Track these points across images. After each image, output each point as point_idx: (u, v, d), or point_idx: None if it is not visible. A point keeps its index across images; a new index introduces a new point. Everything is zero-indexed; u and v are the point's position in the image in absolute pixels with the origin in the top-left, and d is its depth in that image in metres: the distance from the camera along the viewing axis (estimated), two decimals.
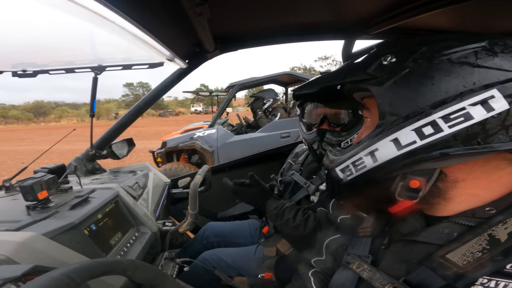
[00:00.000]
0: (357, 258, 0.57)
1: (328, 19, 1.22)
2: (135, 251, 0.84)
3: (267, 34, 1.30)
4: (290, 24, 1.23)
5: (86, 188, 0.87)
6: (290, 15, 1.13)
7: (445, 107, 0.42)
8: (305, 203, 1.27)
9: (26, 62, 1.21)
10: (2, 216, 0.67)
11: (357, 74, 0.52)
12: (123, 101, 57.08)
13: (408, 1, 1.00)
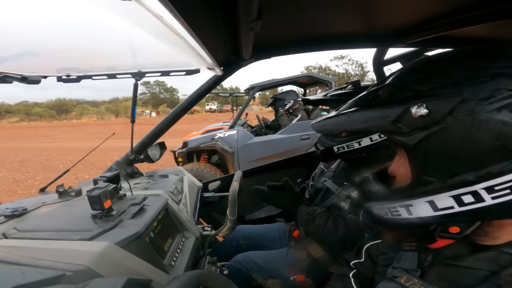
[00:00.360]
0: (405, 272, 0.58)
1: (363, 28, 1.22)
2: (185, 256, 0.88)
3: (301, 42, 1.31)
4: (325, 33, 1.25)
5: (138, 195, 0.91)
6: (326, 25, 1.15)
7: (491, 178, 0.38)
8: (335, 209, 1.29)
9: (70, 67, 1.26)
10: (71, 225, 0.71)
11: (383, 124, 0.46)
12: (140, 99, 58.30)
13: (452, 14, 0.98)
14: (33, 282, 0.51)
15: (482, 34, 1.22)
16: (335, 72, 27.84)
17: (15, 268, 0.56)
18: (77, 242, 0.62)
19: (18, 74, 1.01)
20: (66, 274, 0.55)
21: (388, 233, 0.63)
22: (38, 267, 0.56)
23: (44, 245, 0.61)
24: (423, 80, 0.44)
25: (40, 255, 0.59)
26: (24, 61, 1.02)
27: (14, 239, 0.65)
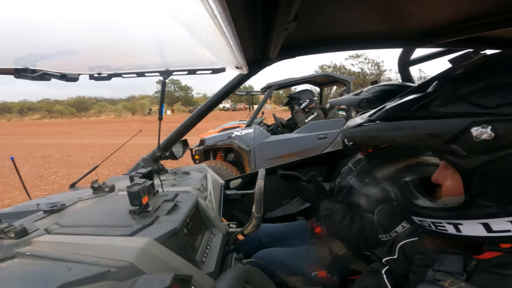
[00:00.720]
0: (449, 276, 0.55)
1: (392, 28, 1.22)
2: (214, 253, 0.89)
3: (327, 42, 1.31)
4: (352, 33, 1.24)
5: (169, 192, 0.93)
6: (354, 25, 1.14)
7: None
8: (355, 206, 1.29)
9: (101, 66, 1.29)
10: (110, 220, 0.72)
11: (432, 144, 0.41)
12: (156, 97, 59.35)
13: (487, 15, 0.95)
14: (80, 279, 0.52)
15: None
16: (350, 71, 27.44)
17: (62, 264, 0.57)
18: (119, 238, 0.63)
19: (57, 72, 1.04)
20: (111, 270, 0.56)
21: (429, 240, 0.61)
22: (83, 263, 0.57)
23: (88, 241, 0.63)
24: (486, 91, 0.38)
25: (84, 251, 0.60)
26: (60, 59, 1.05)
27: (57, 235, 0.67)
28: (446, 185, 0.52)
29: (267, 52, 1.16)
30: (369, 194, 1.23)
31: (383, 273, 0.82)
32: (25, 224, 0.69)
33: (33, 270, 0.54)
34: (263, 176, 1.26)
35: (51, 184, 5.61)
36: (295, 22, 0.73)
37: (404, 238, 0.83)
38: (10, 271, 0.55)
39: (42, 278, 0.51)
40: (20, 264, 0.57)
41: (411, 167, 1.18)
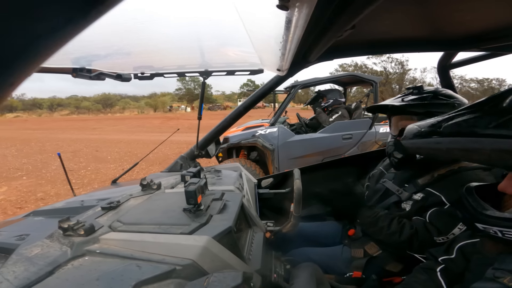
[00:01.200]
0: (508, 274, 0.57)
1: (435, 33, 1.21)
2: (257, 250, 0.91)
3: (367, 45, 1.30)
4: (394, 37, 1.25)
5: (216, 191, 0.96)
6: (399, 30, 1.13)
7: None
8: (394, 209, 1.31)
9: (145, 66, 1.35)
10: (168, 218, 0.74)
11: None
12: (176, 94, 60.64)
13: None
14: (150, 278, 0.54)
15: None
16: (372, 70, 26.69)
17: (131, 262, 0.59)
18: (181, 236, 0.65)
19: (113, 72, 1.09)
20: (176, 268, 0.58)
21: (491, 244, 0.60)
22: (151, 261, 0.60)
23: (153, 239, 0.65)
24: None
25: (150, 249, 0.63)
26: (112, 59, 1.11)
27: (122, 232, 0.70)
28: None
29: (308, 54, 1.17)
30: (415, 198, 1.23)
31: (437, 270, 0.85)
32: (89, 221, 0.72)
33: (107, 269, 0.56)
34: (299, 176, 1.27)
35: (81, 179, 5.87)
36: (352, 30, 0.73)
37: (464, 239, 0.85)
38: (86, 269, 0.57)
39: (117, 277, 0.53)
40: (93, 263, 0.60)
41: (454, 172, 1.17)
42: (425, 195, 1.19)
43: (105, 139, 12.17)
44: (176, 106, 51.76)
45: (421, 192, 1.21)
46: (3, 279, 0.52)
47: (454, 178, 1.16)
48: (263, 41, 0.80)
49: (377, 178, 1.50)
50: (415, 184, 1.25)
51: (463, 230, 1.04)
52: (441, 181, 1.18)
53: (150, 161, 7.23)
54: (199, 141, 1.45)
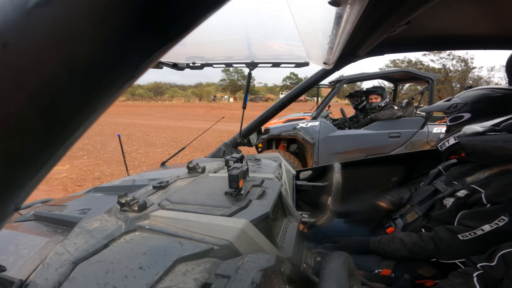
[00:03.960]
0: None
1: (502, 30, 1.10)
2: (290, 239, 0.93)
3: (423, 41, 1.22)
4: (452, 34, 1.16)
5: (256, 177, 1.00)
6: (461, 27, 1.06)
7: None
8: (437, 207, 1.27)
9: (196, 56, 1.42)
10: (211, 200, 0.80)
11: None
12: (220, 85, 62.29)
13: None
14: (190, 255, 0.59)
15: None
16: (429, 67, 24.34)
17: (175, 240, 0.64)
18: (221, 218, 0.70)
19: (170, 61, 1.18)
20: (214, 248, 0.62)
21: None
22: (192, 239, 0.65)
23: (196, 218, 0.70)
24: None
25: (193, 228, 0.68)
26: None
27: (169, 211, 0.75)
28: None
29: (357, 49, 1.14)
30: (457, 195, 1.18)
31: (474, 276, 0.84)
32: (141, 198, 0.79)
33: (154, 244, 0.62)
34: (340, 170, 1.26)
35: (132, 161, 6.39)
36: (406, 26, 0.70)
37: (508, 247, 0.83)
38: (136, 244, 0.63)
39: (161, 252, 0.59)
40: (142, 238, 0.66)
41: (507, 172, 1.10)
42: (469, 192, 1.12)
43: (155, 124, 13.03)
44: (219, 96, 53.18)
45: (466, 189, 1.14)
46: (64, 251, 0.59)
47: (504, 177, 1.07)
48: (312, 35, 0.81)
49: (433, 178, 1.44)
50: (463, 182, 1.19)
51: (494, 228, 0.99)
52: (489, 179, 1.11)
53: (193, 147, 7.60)
54: (242, 129, 1.50)
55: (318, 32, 0.73)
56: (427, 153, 1.92)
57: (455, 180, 1.26)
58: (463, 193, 1.16)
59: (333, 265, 0.53)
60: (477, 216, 1.07)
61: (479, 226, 1.03)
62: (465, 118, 1.18)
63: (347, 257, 0.56)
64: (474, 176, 1.18)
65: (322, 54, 1.05)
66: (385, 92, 4.34)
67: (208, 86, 57.06)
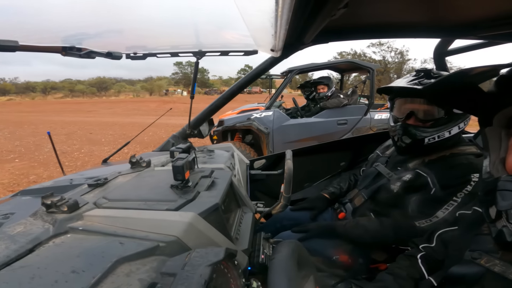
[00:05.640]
0: (485, 254, 0.58)
1: (433, 19, 1.18)
2: (246, 231, 0.91)
3: (364, 29, 1.28)
4: (392, 22, 1.22)
5: (205, 168, 0.95)
6: (397, 14, 1.11)
7: None
8: (384, 192, 1.31)
9: (137, 45, 1.31)
10: (155, 195, 0.73)
11: None
12: (173, 78, 59.90)
13: None
14: (133, 254, 0.53)
15: None
16: (371, 59, 26.40)
17: (114, 239, 0.58)
18: (166, 212, 0.64)
19: (103, 51, 1.07)
20: (160, 245, 0.57)
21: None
22: (134, 238, 0.59)
23: (137, 215, 0.64)
24: None
25: (134, 225, 0.61)
26: (103, 38, 1.08)
27: (106, 209, 0.68)
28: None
29: (303, 36, 1.14)
30: (403, 179, 1.24)
31: (418, 257, 0.86)
32: (74, 197, 0.70)
33: (89, 246, 0.55)
34: (291, 157, 1.26)
35: (74, 161, 5.85)
36: (345, 9, 0.71)
37: (444, 227, 0.86)
38: (67, 246, 0.56)
39: (98, 253, 0.52)
40: (75, 240, 0.58)
41: (446, 157, 1.19)
42: (414, 177, 1.20)
43: (99, 121, 12.05)
44: (172, 90, 51.13)
45: (410, 173, 1.22)
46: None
47: (444, 162, 1.16)
48: (255, 17, 0.78)
49: (372, 161, 1.52)
50: (406, 168, 1.27)
51: (446, 213, 1.07)
52: (431, 164, 1.19)
53: (145, 143, 7.21)
54: (191, 120, 1.43)
55: (260, 12, 0.70)
56: (370, 137, 2.05)
57: (398, 165, 1.32)
58: (408, 177, 1.22)
59: (281, 255, 0.52)
60: (429, 203, 1.13)
61: (433, 213, 1.10)
62: None
63: (296, 246, 0.55)
64: (415, 162, 1.25)
65: (268, 41, 1.03)
66: (331, 82, 4.55)
67: (159, 80, 54.50)
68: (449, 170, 1.12)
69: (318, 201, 1.60)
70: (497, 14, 1.04)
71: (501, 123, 0.55)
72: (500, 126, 0.56)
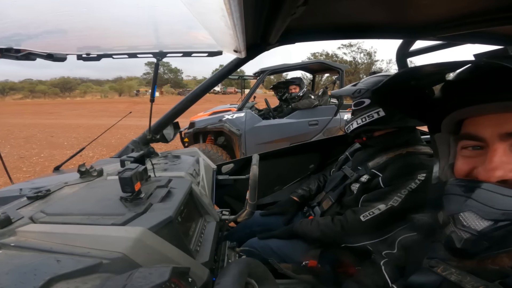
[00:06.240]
0: (441, 262, 0.56)
1: (395, 20, 1.21)
2: (208, 241, 0.87)
3: (329, 29, 1.28)
4: (355, 22, 1.23)
5: (162, 177, 0.89)
6: (358, 14, 1.12)
7: None
8: (348, 193, 1.34)
9: (90, 46, 1.22)
10: (101, 208, 0.68)
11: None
12: (144, 79, 57.95)
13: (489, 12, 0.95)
14: (71, 272, 0.49)
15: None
16: (342, 60, 27.39)
17: (50, 256, 0.53)
18: (111, 227, 0.59)
19: (44, 52, 0.97)
20: (103, 262, 0.53)
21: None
22: (73, 254, 0.54)
23: (77, 231, 0.59)
24: None
25: (74, 242, 0.57)
26: (46, 39, 0.99)
27: (43, 224, 0.63)
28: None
29: (267, 36, 1.12)
30: (361, 180, 1.26)
31: (381, 264, 0.85)
32: (8, 212, 0.64)
33: (20, 262, 0.51)
34: (257, 162, 1.23)
35: (33, 166, 5.43)
36: (304, 6, 0.68)
37: (404, 233, 0.85)
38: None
39: (30, 271, 0.48)
40: (6, 256, 0.53)
41: (401, 156, 1.21)
42: (370, 177, 1.22)
43: (62, 124, 11.32)
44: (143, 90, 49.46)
45: (368, 174, 1.24)
46: None
47: (397, 161, 1.19)
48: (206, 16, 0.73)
49: (341, 164, 1.53)
50: (366, 167, 1.28)
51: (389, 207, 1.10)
52: (387, 163, 1.22)
53: (113, 146, 6.89)
54: (152, 125, 1.35)
55: (212, 14, 0.66)
56: (339, 139, 2.07)
57: (359, 165, 1.34)
58: (365, 178, 1.24)
59: (225, 280, 0.47)
60: (374, 197, 1.16)
61: (376, 205, 1.12)
62: (366, 104, 1.28)
63: (247, 265, 0.50)
64: (374, 161, 1.27)
65: (229, 41, 0.99)
66: (302, 83, 4.61)
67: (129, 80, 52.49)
68: (398, 168, 1.15)
69: (288, 205, 1.58)
70: (455, 15, 1.07)
71: (449, 129, 0.55)
72: (448, 132, 0.55)
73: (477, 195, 0.43)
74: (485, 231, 0.41)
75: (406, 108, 0.64)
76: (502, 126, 0.44)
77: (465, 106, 0.49)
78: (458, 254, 0.47)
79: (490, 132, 0.45)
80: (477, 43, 1.32)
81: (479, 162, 0.47)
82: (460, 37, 1.29)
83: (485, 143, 0.46)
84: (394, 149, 1.24)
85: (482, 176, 0.45)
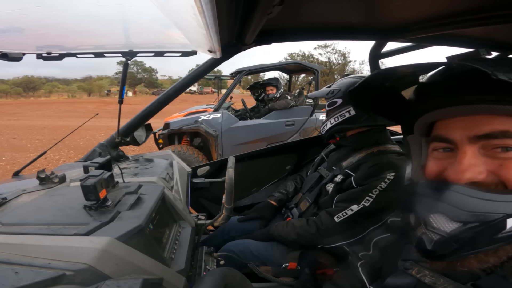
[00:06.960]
0: (416, 264, 0.57)
1: (366, 21, 1.22)
2: (183, 248, 0.84)
3: (304, 30, 1.29)
4: (330, 23, 1.24)
5: (132, 183, 0.85)
6: (331, 15, 1.13)
7: None
8: (324, 194, 1.35)
9: (52, 45, 1.15)
10: (62, 217, 0.63)
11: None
12: (116, 78, 55.61)
13: (455, 14, 0.99)
14: (30, 284, 0.46)
15: (480, 34, 1.27)
16: (318, 60, 27.95)
17: (7, 268, 0.49)
18: (74, 238, 0.55)
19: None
20: (66, 273, 0.49)
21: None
22: (32, 266, 0.50)
23: (36, 242, 0.54)
24: None
25: (33, 253, 0.53)
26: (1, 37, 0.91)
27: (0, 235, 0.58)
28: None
29: (243, 36, 1.10)
30: (336, 180, 1.28)
31: (358, 266, 0.85)
32: None
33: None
34: (233, 165, 1.21)
35: None
36: (280, 6, 0.67)
37: (379, 234, 0.85)
38: None
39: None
40: None
41: (373, 154, 1.24)
42: (344, 177, 1.25)
43: (25, 125, 10.58)
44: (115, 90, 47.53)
45: (342, 174, 1.26)
46: None
47: (369, 160, 1.22)
48: (176, 14, 0.70)
49: (317, 164, 1.54)
50: (340, 167, 1.30)
51: (361, 208, 1.12)
52: (359, 162, 1.24)
53: (81, 148, 6.55)
54: (120, 127, 1.28)
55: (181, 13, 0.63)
56: (315, 140, 2.10)
57: (334, 165, 1.36)
58: (339, 178, 1.26)
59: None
60: (347, 197, 1.18)
61: (349, 206, 1.14)
62: (338, 104, 1.30)
63: (223, 275, 0.48)
64: (347, 160, 1.29)
65: (203, 41, 0.96)
66: (279, 84, 4.63)
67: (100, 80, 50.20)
68: (368, 168, 1.18)
69: (266, 209, 1.57)
70: (424, 17, 1.10)
71: (421, 131, 0.56)
72: (420, 134, 0.56)
73: (447, 197, 0.43)
74: (454, 232, 0.42)
75: (381, 110, 0.64)
76: (472, 129, 0.44)
77: (436, 109, 0.49)
78: (429, 256, 0.47)
79: (460, 134, 0.46)
80: (446, 45, 1.37)
81: (449, 164, 0.47)
82: (429, 39, 1.33)
83: (455, 145, 0.47)
84: (366, 148, 1.27)
85: (452, 178, 0.46)
